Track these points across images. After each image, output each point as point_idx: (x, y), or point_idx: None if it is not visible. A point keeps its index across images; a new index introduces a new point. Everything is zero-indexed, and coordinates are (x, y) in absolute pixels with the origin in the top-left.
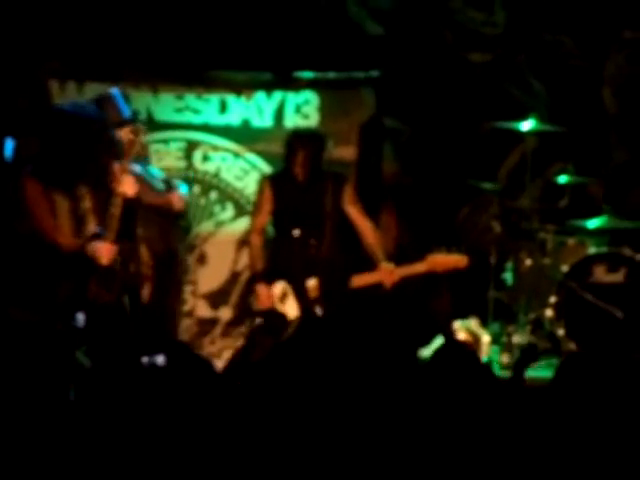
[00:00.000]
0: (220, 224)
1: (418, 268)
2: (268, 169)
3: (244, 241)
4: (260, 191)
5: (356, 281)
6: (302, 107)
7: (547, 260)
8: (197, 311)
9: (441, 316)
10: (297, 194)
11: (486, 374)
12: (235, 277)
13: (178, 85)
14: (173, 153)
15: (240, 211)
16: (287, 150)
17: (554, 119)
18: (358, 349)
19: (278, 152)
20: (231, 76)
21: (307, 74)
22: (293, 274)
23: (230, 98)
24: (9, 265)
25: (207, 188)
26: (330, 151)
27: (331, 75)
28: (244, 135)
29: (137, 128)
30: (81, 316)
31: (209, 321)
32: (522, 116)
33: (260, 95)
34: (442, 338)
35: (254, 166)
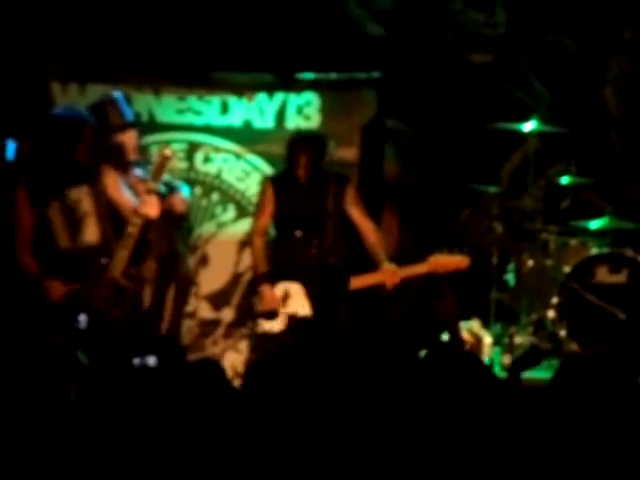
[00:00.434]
0: (222, 225)
1: (420, 269)
2: (269, 170)
3: (246, 242)
4: (262, 192)
5: (358, 282)
6: (303, 108)
7: (549, 261)
8: (199, 312)
9: (447, 316)
10: (299, 195)
11: (486, 375)
12: (237, 278)
13: (180, 87)
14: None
15: (242, 212)
16: (289, 153)
17: (556, 120)
18: (358, 349)
19: (279, 153)
20: (233, 77)
21: (308, 75)
22: (295, 275)
23: (231, 99)
24: (11, 265)
25: (209, 189)
26: (332, 152)
27: (332, 76)
28: (245, 136)
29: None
30: (83, 317)
31: (211, 322)
32: (524, 117)
33: (261, 96)
34: (448, 337)
35: (255, 167)
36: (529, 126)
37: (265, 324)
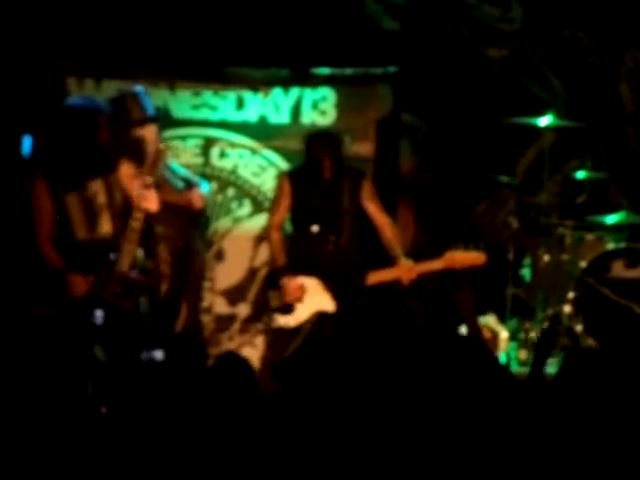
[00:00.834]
0: (237, 221)
1: (436, 265)
2: (285, 165)
3: (261, 237)
4: (279, 187)
5: (374, 277)
6: (319, 103)
7: (565, 256)
8: (215, 308)
9: (465, 309)
10: (315, 190)
11: (502, 371)
12: (253, 273)
13: (195, 82)
14: (190, 150)
15: (257, 208)
16: (309, 155)
17: (572, 115)
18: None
19: (295, 148)
20: (248, 73)
21: (324, 70)
22: (312, 271)
23: (247, 95)
24: (30, 262)
25: (224, 185)
26: (347, 147)
27: (348, 71)
28: (261, 131)
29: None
30: (100, 313)
31: (227, 317)
32: (540, 112)
33: (277, 91)
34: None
35: (271, 162)
36: (545, 121)
37: (281, 319)
